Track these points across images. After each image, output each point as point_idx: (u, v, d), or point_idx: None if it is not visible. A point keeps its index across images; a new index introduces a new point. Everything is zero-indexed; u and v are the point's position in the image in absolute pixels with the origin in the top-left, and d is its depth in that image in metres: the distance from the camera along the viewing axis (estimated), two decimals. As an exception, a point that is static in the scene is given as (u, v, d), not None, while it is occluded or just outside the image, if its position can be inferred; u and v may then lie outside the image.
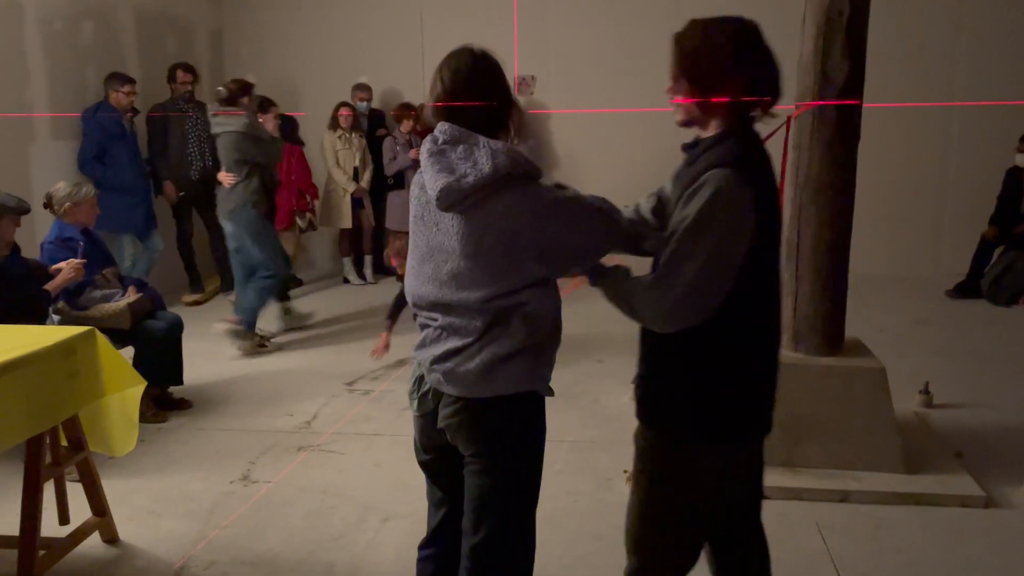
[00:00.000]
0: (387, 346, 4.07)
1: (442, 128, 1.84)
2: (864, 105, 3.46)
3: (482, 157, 1.76)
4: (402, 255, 4.12)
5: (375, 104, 7.75)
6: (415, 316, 2.01)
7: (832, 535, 3.06)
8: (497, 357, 1.83)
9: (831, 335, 3.56)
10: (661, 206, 2.06)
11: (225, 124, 5.29)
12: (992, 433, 3.96)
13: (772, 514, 3.21)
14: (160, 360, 4.27)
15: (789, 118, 3.57)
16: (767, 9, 7.49)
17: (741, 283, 1.69)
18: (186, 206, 6.87)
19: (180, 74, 6.74)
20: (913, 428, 3.91)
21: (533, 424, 1.96)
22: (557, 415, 1.97)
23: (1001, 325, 5.97)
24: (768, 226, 1.72)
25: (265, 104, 5.85)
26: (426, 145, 1.85)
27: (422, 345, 1.95)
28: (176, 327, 4.38)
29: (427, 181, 1.81)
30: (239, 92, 5.32)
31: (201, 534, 3.15)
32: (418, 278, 1.92)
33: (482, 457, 1.91)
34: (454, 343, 1.86)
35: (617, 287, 1.83)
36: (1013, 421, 4.11)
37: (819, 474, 3.42)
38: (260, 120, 5.58)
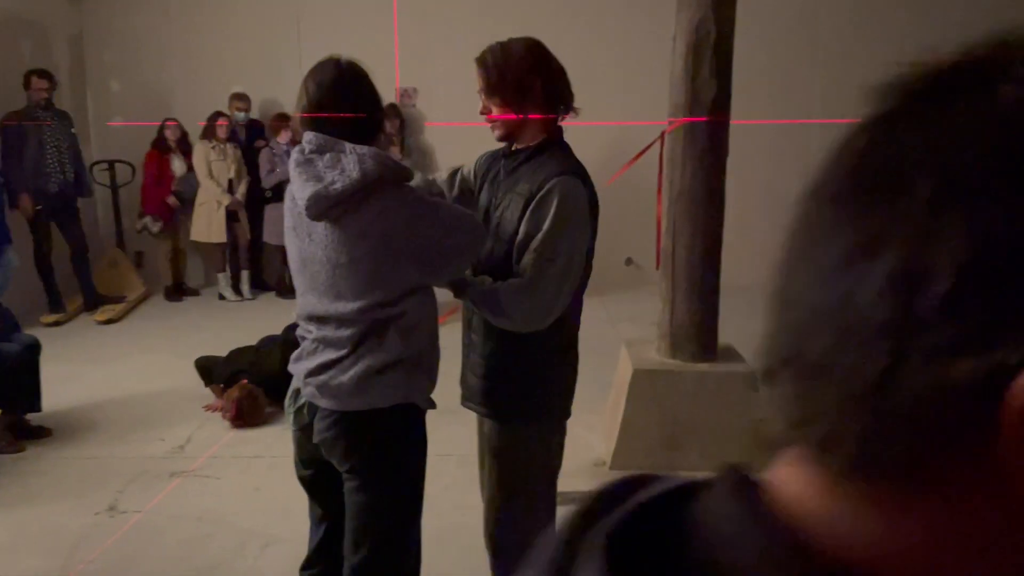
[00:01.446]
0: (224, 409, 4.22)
1: (308, 138, 1.81)
2: (732, 122, 3.63)
3: (350, 163, 1.74)
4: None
5: (253, 114, 7.53)
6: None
7: (710, 535, 3.17)
8: (371, 369, 1.81)
9: (706, 342, 3.70)
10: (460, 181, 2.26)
11: None
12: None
13: (653, 518, 3.33)
14: (15, 385, 3.98)
15: (663, 133, 3.72)
16: (640, 28, 7.77)
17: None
18: (44, 220, 6.44)
19: (35, 80, 6.33)
20: (782, 429, 4.10)
21: (411, 438, 1.94)
22: (446, 428, 1.96)
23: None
24: (594, 223, 1.98)
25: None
26: (294, 156, 1.83)
27: (298, 358, 1.91)
28: (32, 349, 4.09)
29: (296, 191, 1.80)
30: None
31: (64, 570, 2.94)
32: (297, 290, 1.92)
33: (359, 472, 1.88)
34: (328, 355, 1.83)
35: (486, 295, 1.92)
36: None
37: (698, 477, 3.53)
38: None
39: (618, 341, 4.16)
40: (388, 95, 7.39)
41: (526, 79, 1.91)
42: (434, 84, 7.70)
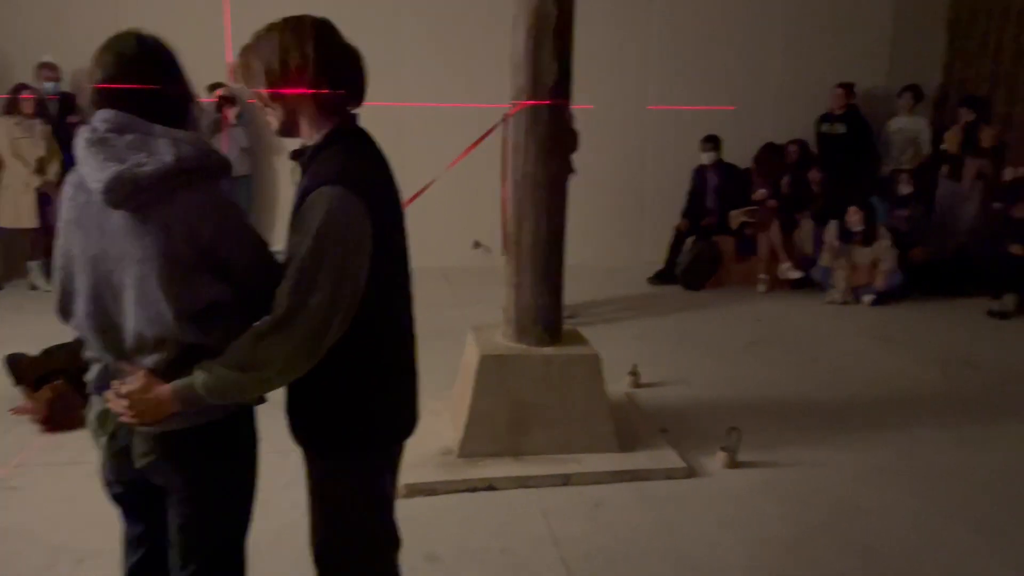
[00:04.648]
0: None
1: (104, 116, 1.58)
2: (573, 107, 3.64)
3: (161, 146, 1.55)
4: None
5: (65, 87, 6.86)
6: (83, 342, 1.73)
7: (555, 519, 3.19)
8: None
9: (551, 325, 3.71)
10: None
11: None
12: (690, 408, 4.38)
13: (500, 504, 3.31)
14: None
15: (505, 116, 3.68)
16: (479, 7, 7.72)
17: (365, 293, 1.65)
18: None
19: None
20: (624, 408, 4.20)
21: (241, 443, 1.78)
22: (279, 426, 1.81)
23: (694, 308, 6.66)
24: (387, 230, 1.68)
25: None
26: (83, 135, 1.58)
27: (103, 380, 1.68)
28: None
29: (88, 174, 1.54)
30: None
31: None
32: (78, 294, 1.65)
33: (185, 487, 1.71)
34: (133, 367, 1.63)
35: (225, 364, 1.56)
36: (707, 396, 4.58)
37: (543, 460, 3.55)
38: None
39: (465, 325, 4.11)
40: (218, 73, 6.98)
41: (294, 69, 1.65)
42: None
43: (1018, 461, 3.80)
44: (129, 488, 1.78)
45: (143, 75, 1.61)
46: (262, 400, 1.78)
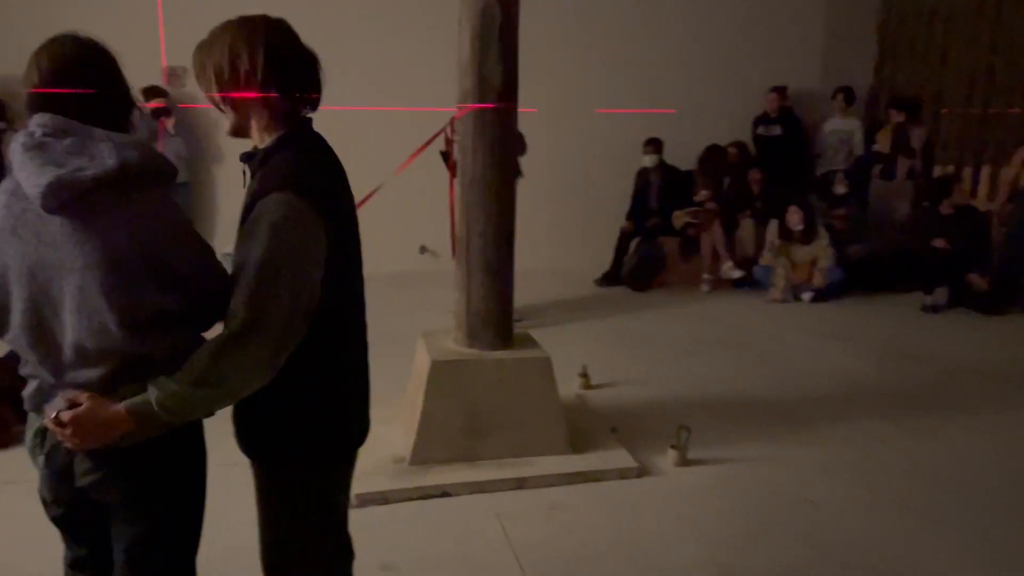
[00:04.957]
0: None
1: (41, 120, 1.52)
2: (520, 110, 3.63)
3: (103, 151, 1.48)
4: None
5: (-12, 92, 6.61)
6: (19, 359, 1.65)
7: (511, 523, 3.17)
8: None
9: (502, 329, 3.70)
10: None
11: None
12: (640, 407, 4.41)
13: (455, 510, 3.28)
14: None
15: (452, 119, 3.65)
16: (423, 9, 7.68)
17: (319, 299, 1.61)
18: None
19: None
20: (575, 410, 4.21)
21: (189, 458, 1.72)
22: (229, 437, 1.75)
23: (640, 309, 6.72)
24: (340, 235, 1.65)
25: None
26: (19, 140, 1.51)
27: (41, 397, 1.61)
28: None
29: (25, 179, 1.47)
30: None
31: None
32: (14, 308, 1.57)
33: (130, 505, 1.64)
34: (77, 392, 1.56)
35: (182, 380, 1.50)
36: (656, 395, 4.62)
37: (498, 464, 3.53)
38: None
39: (414, 331, 4.07)
40: (153, 76, 6.80)
41: (243, 69, 1.61)
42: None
43: (960, 451, 3.92)
44: (70, 508, 1.70)
45: (82, 78, 1.54)
46: (210, 413, 1.73)
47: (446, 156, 3.76)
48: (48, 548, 2.83)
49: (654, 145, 7.49)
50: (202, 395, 1.51)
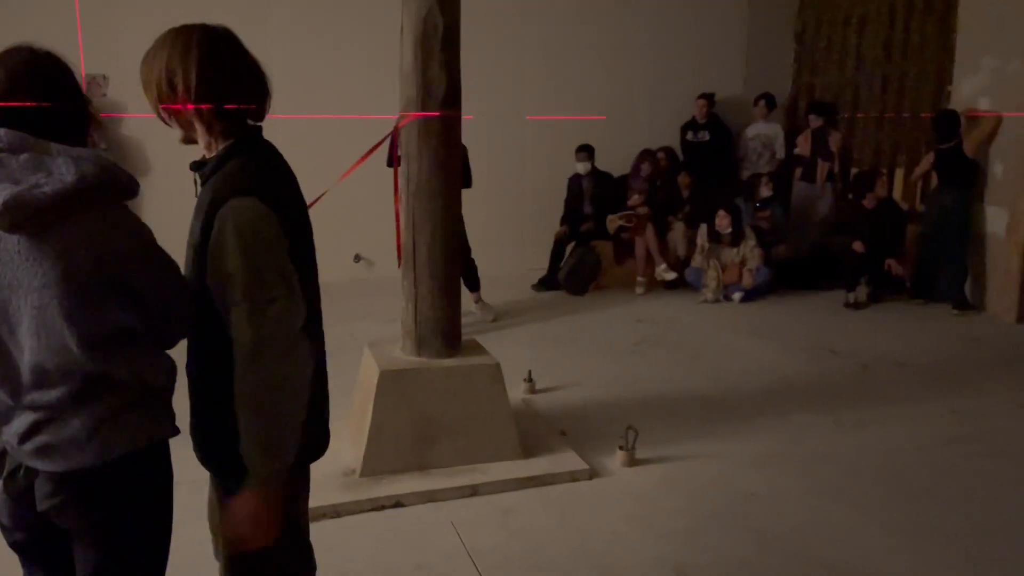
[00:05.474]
0: None
1: None
2: (465, 116, 3.66)
3: (60, 166, 1.44)
4: None
5: None
6: None
7: (466, 530, 3.18)
8: (102, 416, 1.52)
9: (450, 336, 3.70)
10: None
11: None
12: (585, 409, 4.47)
13: (409, 520, 3.27)
14: None
15: (396, 127, 3.65)
16: (365, 17, 7.60)
17: None
18: None
19: None
20: (523, 414, 4.24)
21: (155, 480, 1.68)
22: (174, 452, 1.71)
23: (579, 312, 6.81)
24: (297, 241, 1.69)
25: None
26: None
27: (0, 419, 1.55)
28: None
29: None
30: None
31: None
32: None
33: (95, 529, 1.59)
34: (38, 415, 1.51)
35: (251, 440, 1.59)
36: (601, 396, 4.69)
37: (450, 472, 3.54)
38: None
39: (353, 341, 4.05)
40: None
41: (182, 80, 1.62)
42: (130, 69, 6.93)
43: (886, 440, 4.11)
44: (30, 533, 1.64)
45: (37, 91, 1.50)
46: (176, 431, 1.69)
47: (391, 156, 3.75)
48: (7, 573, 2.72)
49: (586, 151, 7.60)
50: (275, 425, 1.60)
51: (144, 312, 1.56)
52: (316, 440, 1.87)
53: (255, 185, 1.61)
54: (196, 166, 1.73)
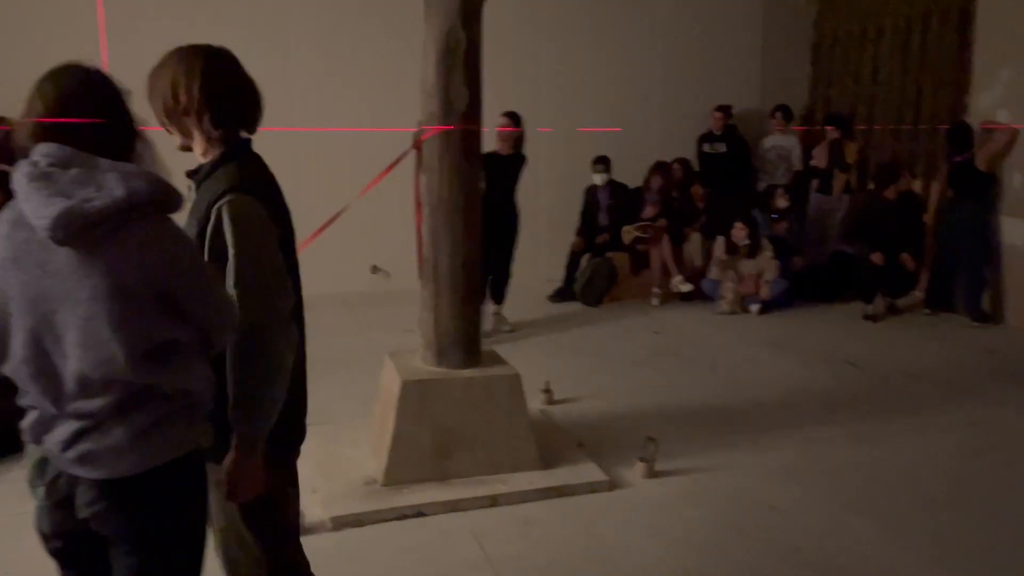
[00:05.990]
0: None
1: (45, 150, 1.51)
2: (484, 129, 3.69)
3: (110, 180, 1.49)
4: None
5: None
6: (17, 390, 1.62)
7: (487, 541, 3.20)
8: (144, 424, 1.56)
9: (470, 347, 3.73)
10: None
11: None
12: (603, 421, 4.49)
13: (431, 530, 3.29)
14: None
15: (417, 142, 3.69)
16: (386, 34, 7.66)
17: None
18: None
19: None
20: (541, 425, 4.26)
21: (192, 487, 1.72)
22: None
23: (595, 323, 6.83)
24: (285, 239, 1.88)
25: None
26: (23, 170, 1.50)
27: (42, 428, 1.59)
28: None
29: (32, 210, 1.46)
30: None
31: None
32: (15, 339, 1.56)
33: (134, 537, 1.63)
34: (81, 424, 1.55)
35: (251, 409, 1.78)
36: (618, 408, 4.71)
37: (470, 482, 3.56)
38: None
39: (370, 352, 4.08)
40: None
41: (171, 93, 1.83)
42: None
43: (906, 452, 4.10)
44: (70, 541, 1.68)
45: (86, 108, 1.55)
46: (213, 440, 1.74)
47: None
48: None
49: (603, 163, 7.63)
50: (274, 397, 1.80)
51: (189, 323, 1.60)
52: (295, 428, 2.01)
53: (248, 185, 1.80)
54: (191, 174, 1.92)
